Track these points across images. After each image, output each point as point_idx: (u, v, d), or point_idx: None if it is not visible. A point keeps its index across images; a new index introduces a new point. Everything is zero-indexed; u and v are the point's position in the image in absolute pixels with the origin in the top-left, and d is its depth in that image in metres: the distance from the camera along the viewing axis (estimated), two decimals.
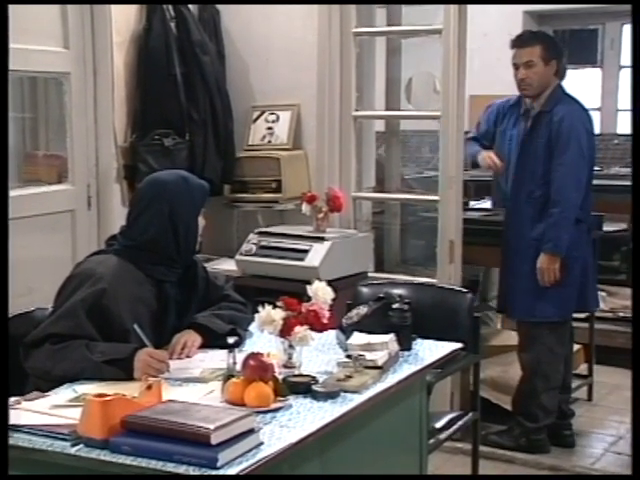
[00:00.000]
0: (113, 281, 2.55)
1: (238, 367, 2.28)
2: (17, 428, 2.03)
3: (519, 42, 4.01)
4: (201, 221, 2.75)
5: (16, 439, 2.00)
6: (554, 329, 3.99)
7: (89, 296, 2.51)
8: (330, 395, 2.28)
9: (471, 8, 4.17)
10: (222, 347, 2.50)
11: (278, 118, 4.55)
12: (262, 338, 2.67)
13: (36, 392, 2.29)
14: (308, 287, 2.56)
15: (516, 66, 3.98)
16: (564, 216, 3.82)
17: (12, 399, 2.16)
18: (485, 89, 6.48)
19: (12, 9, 3.63)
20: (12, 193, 3.78)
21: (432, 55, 4.30)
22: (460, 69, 4.12)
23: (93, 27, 4.08)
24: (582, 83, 6.21)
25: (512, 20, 6.79)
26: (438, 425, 3.20)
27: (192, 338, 2.64)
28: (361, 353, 2.49)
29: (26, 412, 2.11)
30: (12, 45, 3.71)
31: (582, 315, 4.90)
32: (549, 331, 3.98)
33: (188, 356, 2.60)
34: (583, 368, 4.79)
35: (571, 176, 3.83)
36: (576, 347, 4.77)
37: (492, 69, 3.38)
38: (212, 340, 2.66)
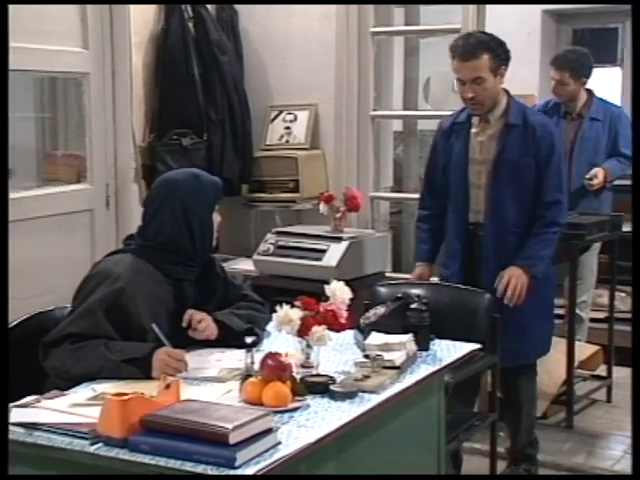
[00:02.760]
0: (131, 280, 2.55)
1: (256, 367, 2.28)
2: (37, 426, 2.03)
3: (462, 54, 3.34)
4: (216, 217, 2.74)
5: (35, 437, 2.01)
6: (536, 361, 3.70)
7: (107, 295, 2.51)
8: (348, 395, 2.27)
9: (489, 7, 4.16)
10: (240, 347, 2.49)
11: (296, 118, 4.55)
12: (280, 338, 2.67)
13: (55, 391, 2.30)
14: (326, 287, 2.55)
15: (461, 81, 3.38)
16: (556, 238, 3.44)
17: (31, 397, 2.17)
18: None
19: (31, 9, 3.68)
20: (31, 193, 3.82)
21: None
22: None
23: (112, 27, 4.11)
24: (602, 82, 6.16)
25: (531, 19, 6.75)
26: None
27: (208, 319, 2.64)
28: (379, 353, 2.49)
29: (45, 410, 2.11)
30: (32, 45, 3.76)
31: (602, 315, 4.87)
32: (535, 365, 3.69)
33: (207, 340, 2.60)
34: (602, 369, 4.75)
35: (565, 198, 3.48)
36: (595, 348, 4.74)
37: (510, 68, 3.34)
38: (229, 338, 2.65)
